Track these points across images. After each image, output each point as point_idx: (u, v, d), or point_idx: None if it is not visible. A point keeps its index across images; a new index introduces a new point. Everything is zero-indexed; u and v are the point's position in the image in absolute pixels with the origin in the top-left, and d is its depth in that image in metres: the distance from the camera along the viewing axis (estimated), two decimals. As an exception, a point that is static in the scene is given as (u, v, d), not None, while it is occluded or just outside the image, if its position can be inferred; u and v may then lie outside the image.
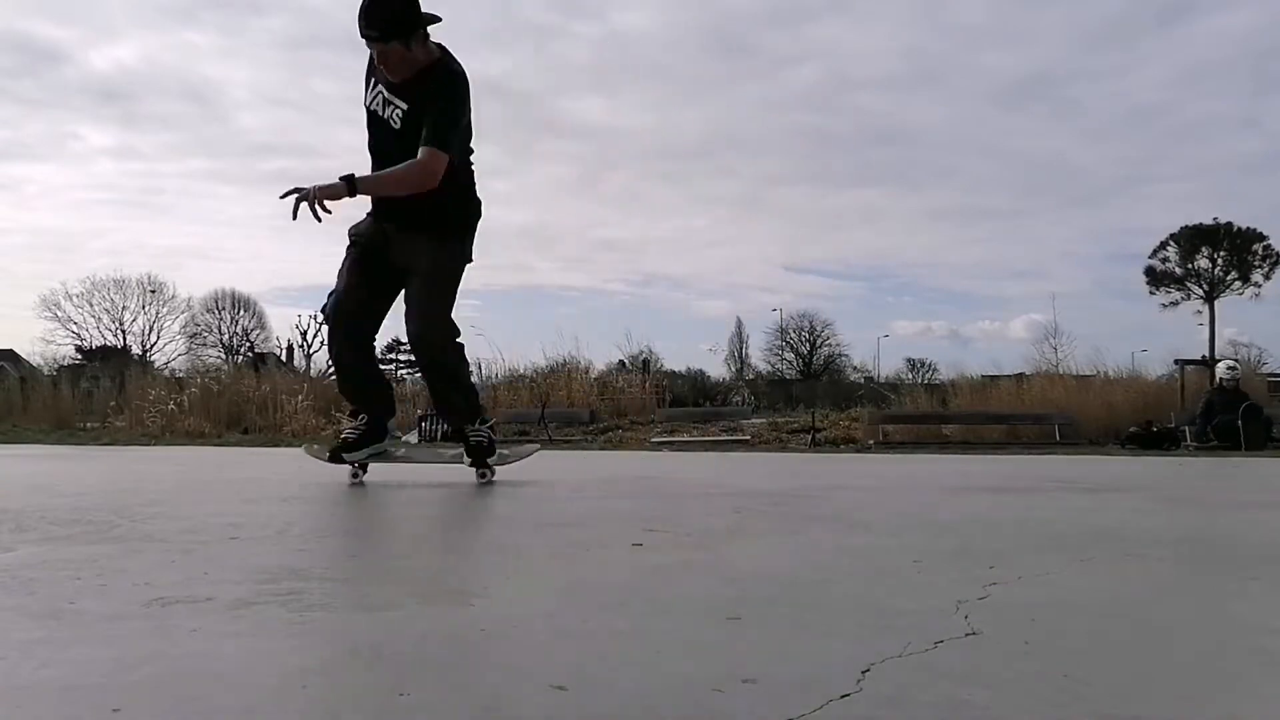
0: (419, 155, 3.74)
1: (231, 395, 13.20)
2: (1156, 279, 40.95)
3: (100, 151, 59.74)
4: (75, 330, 43.06)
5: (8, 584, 1.84)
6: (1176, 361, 13.26)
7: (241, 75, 63.42)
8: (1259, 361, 15.41)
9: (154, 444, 10.31)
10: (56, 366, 28.46)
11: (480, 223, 4.17)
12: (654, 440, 10.77)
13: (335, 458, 4.19)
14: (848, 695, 1.16)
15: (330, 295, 4.08)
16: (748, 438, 10.96)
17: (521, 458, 4.58)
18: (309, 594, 1.75)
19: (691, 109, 69.29)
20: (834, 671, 1.26)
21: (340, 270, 4.08)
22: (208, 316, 45.62)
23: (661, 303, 69.40)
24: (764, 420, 13.96)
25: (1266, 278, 39.65)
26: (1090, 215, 62.85)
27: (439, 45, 3.85)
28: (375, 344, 4.26)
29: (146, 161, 61.12)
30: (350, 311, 4.05)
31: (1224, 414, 9.83)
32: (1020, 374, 14.79)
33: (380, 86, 3.87)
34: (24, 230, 58.78)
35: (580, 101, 68.04)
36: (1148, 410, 11.02)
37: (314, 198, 3.62)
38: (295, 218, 3.65)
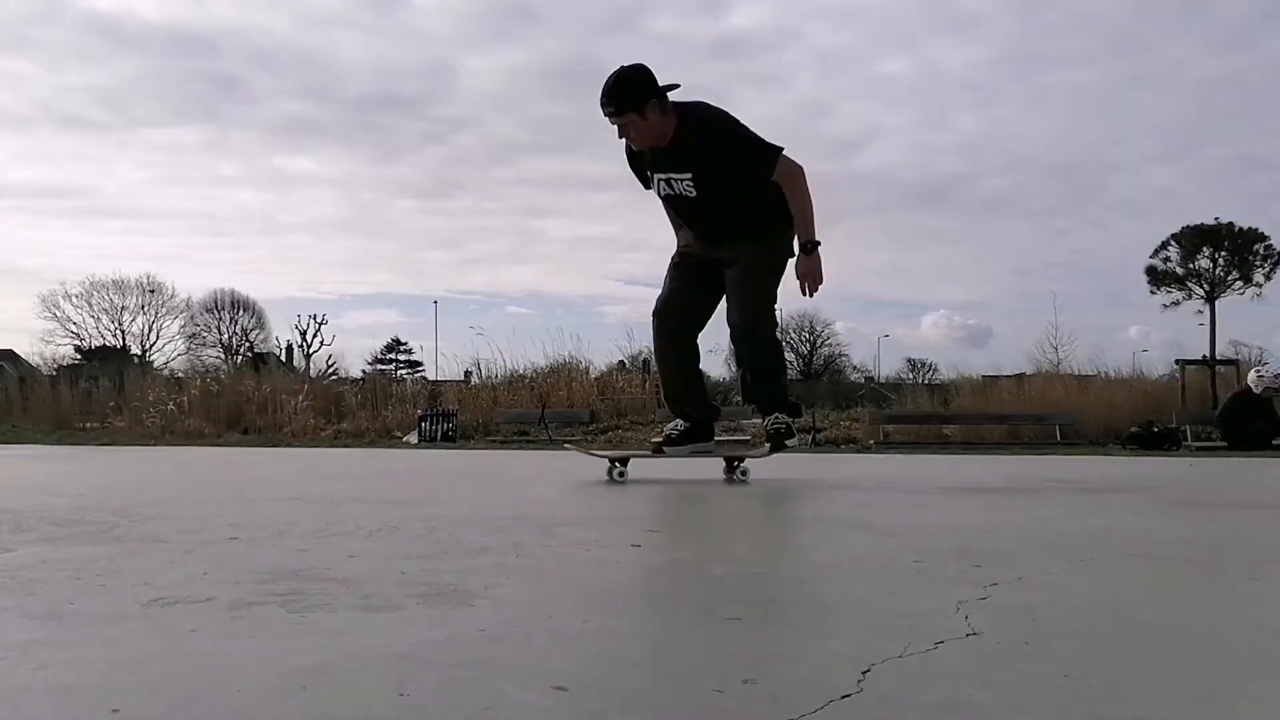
0: (778, 173, 4.09)
1: (231, 395, 13.21)
2: (1157, 279, 40.95)
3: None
4: (75, 330, 43.13)
5: (7, 584, 1.84)
6: (1178, 362, 13.27)
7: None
8: (1259, 361, 15.39)
9: (154, 444, 10.30)
10: (56, 366, 28.48)
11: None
12: (654, 440, 10.76)
13: (657, 451, 4.62)
14: (848, 696, 1.16)
15: (658, 298, 4.50)
16: (748, 438, 10.96)
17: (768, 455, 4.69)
18: (309, 594, 1.75)
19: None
20: (834, 672, 1.26)
21: (666, 276, 4.50)
22: (207, 316, 45.67)
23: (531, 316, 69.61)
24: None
25: (1267, 278, 39.66)
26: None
27: (680, 103, 4.12)
28: (698, 346, 4.58)
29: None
30: (676, 313, 4.43)
31: (1252, 419, 9.66)
32: (1021, 374, 14.79)
33: (657, 177, 4.23)
34: None
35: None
36: (1149, 410, 11.01)
37: (810, 279, 4.18)
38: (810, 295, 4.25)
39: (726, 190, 4.18)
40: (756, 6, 68.98)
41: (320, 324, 39.28)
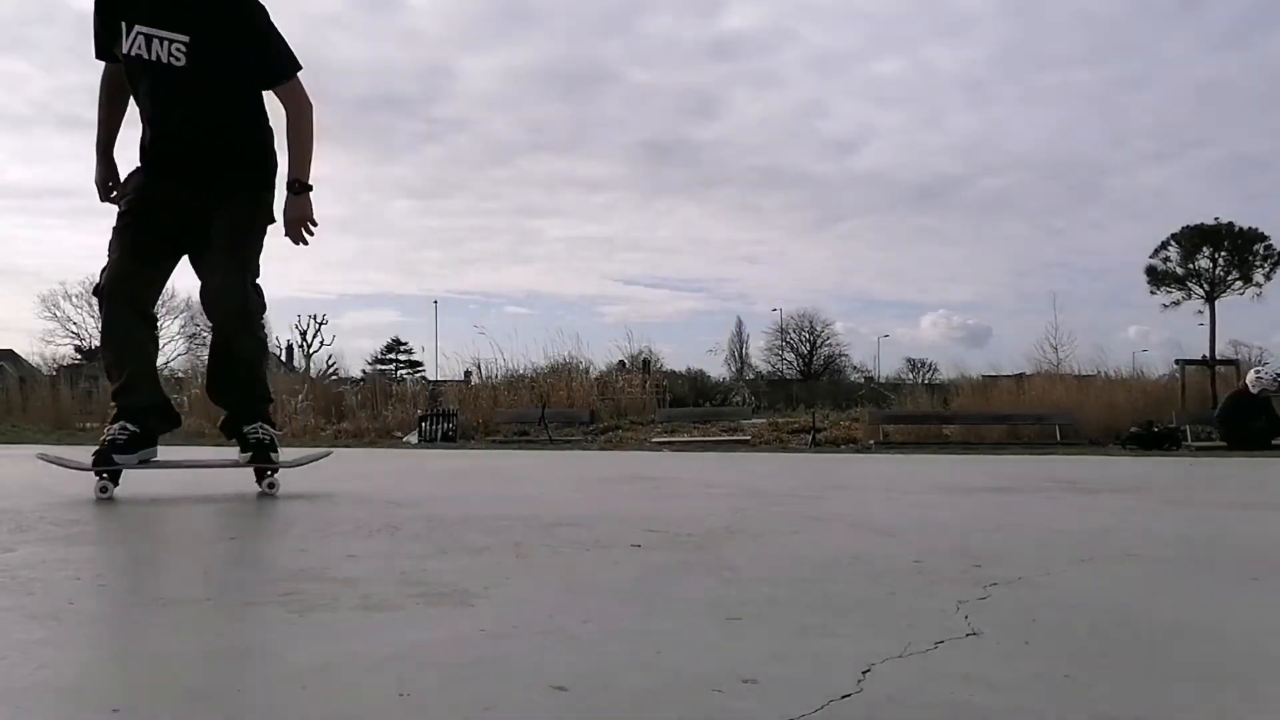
0: (291, 91, 3.41)
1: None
2: (1157, 279, 40.95)
3: None
4: (75, 330, 43.11)
5: (7, 584, 1.84)
6: (1178, 362, 13.28)
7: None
8: (1259, 361, 15.39)
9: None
10: (56, 366, 28.46)
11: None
12: (654, 440, 10.78)
13: (103, 460, 3.46)
14: (848, 695, 1.16)
15: (103, 269, 3.43)
16: (748, 438, 10.95)
17: (313, 460, 4.13)
18: (309, 594, 1.75)
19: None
20: (834, 672, 1.26)
21: (112, 241, 3.44)
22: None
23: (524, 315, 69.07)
24: (764, 420, 13.95)
25: (1267, 278, 39.65)
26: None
27: None
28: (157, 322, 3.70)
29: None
30: (132, 281, 3.41)
31: (1251, 419, 9.70)
32: (1021, 374, 14.80)
33: (139, 27, 3.29)
34: None
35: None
36: (1149, 410, 11.01)
37: (303, 224, 3.47)
38: (304, 244, 3.51)
39: (223, 76, 3.35)
40: (751, 7, 69.01)
41: (320, 324, 39.34)
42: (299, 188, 3.48)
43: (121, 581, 1.86)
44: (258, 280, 3.56)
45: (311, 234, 3.52)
